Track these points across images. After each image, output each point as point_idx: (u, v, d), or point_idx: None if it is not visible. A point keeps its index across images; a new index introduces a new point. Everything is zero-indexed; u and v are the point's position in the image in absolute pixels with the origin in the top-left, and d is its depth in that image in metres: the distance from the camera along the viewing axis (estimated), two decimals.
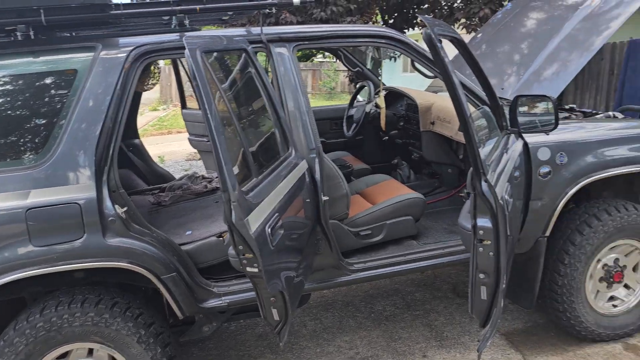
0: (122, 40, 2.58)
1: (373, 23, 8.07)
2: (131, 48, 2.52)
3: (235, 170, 1.91)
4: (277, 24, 5.97)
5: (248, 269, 1.89)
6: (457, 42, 2.34)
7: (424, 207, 3.14)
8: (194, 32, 2.71)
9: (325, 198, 2.64)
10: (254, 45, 2.67)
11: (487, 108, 2.70)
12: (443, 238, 3.16)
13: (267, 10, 2.71)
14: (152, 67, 3.76)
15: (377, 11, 8.06)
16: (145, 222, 2.56)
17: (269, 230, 1.96)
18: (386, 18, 8.05)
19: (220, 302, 2.65)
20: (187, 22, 2.67)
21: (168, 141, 12.31)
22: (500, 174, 2.25)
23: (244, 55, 2.53)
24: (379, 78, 4.53)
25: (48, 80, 2.49)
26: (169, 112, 17.74)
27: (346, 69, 4.56)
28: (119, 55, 2.50)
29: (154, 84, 3.68)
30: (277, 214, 2.07)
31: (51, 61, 2.49)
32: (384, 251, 2.99)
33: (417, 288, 4.01)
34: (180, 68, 4.59)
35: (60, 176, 2.35)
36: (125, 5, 2.57)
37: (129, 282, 2.63)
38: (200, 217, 3.15)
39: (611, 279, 3.09)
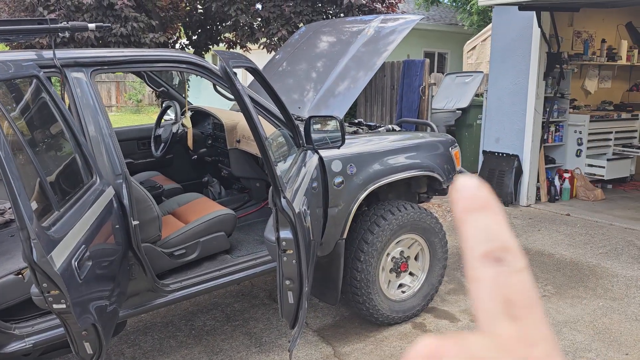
0: None
1: (177, 39, 8.04)
2: None
3: (34, 205, 1.84)
4: (72, 39, 5.64)
5: (55, 306, 1.84)
6: (253, 70, 2.55)
7: (234, 221, 3.30)
8: None
9: (135, 222, 2.64)
10: (46, 70, 2.56)
11: (285, 128, 2.96)
12: (255, 249, 3.36)
13: (60, 35, 2.61)
14: None
15: (180, 27, 8.05)
16: None
17: (76, 263, 1.92)
18: (190, 34, 8.07)
19: (24, 344, 2.47)
20: None
21: None
22: (298, 188, 2.51)
23: (35, 81, 2.41)
24: (184, 96, 4.58)
25: None
26: None
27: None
28: None
29: None
30: (83, 246, 2.04)
31: None
32: (199, 268, 3.07)
33: (236, 299, 4.16)
34: None
35: None
36: None
37: None
38: None
39: (399, 269, 3.61)
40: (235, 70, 2.14)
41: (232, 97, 3.24)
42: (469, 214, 0.36)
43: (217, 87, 3.11)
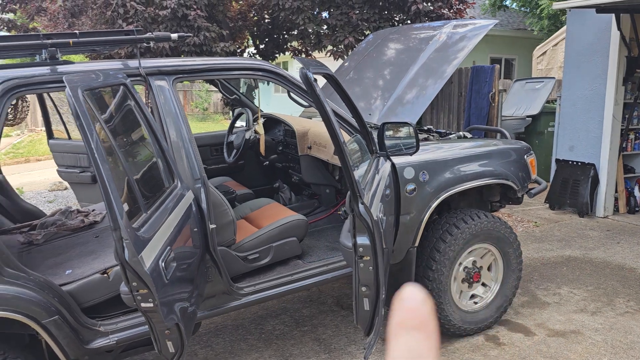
0: None
1: (245, 48, 8.24)
2: None
3: (125, 207, 1.93)
4: (148, 49, 5.89)
5: (143, 304, 1.91)
6: (329, 77, 2.56)
7: (306, 227, 3.32)
8: (67, 65, 2.65)
9: (212, 226, 2.71)
10: (132, 79, 2.68)
11: (358, 135, 2.96)
12: (326, 255, 3.37)
13: (145, 44, 2.73)
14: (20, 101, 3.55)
15: (249, 36, 8.24)
16: (20, 264, 2.43)
17: (162, 264, 1.99)
18: (257, 43, 8.24)
19: (108, 340, 2.58)
20: (59, 55, 2.60)
21: (26, 170, 11.36)
22: (374, 194, 2.49)
23: (123, 89, 2.53)
24: (253, 101, 4.68)
25: None
26: (24, 137, 16.32)
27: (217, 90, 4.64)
28: None
29: (22, 118, 3.47)
30: (168, 247, 2.11)
31: None
32: (272, 273, 3.11)
33: (304, 304, 4.18)
34: (46, 97, 4.36)
35: None
36: None
37: (1, 331, 2.46)
38: (80, 254, 3.03)
39: (471, 279, 3.51)
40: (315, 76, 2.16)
41: (305, 103, 3.28)
42: (402, 329, 0.34)
43: (291, 93, 3.15)
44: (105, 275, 2.73)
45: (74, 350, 2.46)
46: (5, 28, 8.41)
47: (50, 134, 4.61)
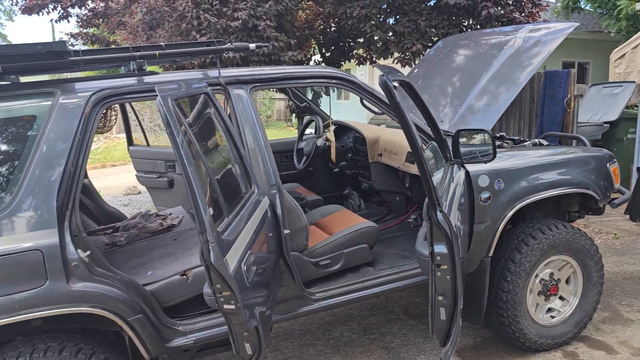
0: (81, 85, 2.60)
1: (311, 56, 8.35)
2: (90, 93, 2.55)
3: (210, 211, 2.00)
4: (219, 59, 6.08)
5: (225, 306, 1.97)
6: (405, 84, 2.56)
7: (377, 234, 3.32)
8: (152, 75, 2.78)
9: (286, 231, 2.76)
10: (212, 88, 2.78)
11: (434, 142, 2.93)
12: (396, 263, 3.35)
13: (225, 55, 2.83)
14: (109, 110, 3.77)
15: (315, 44, 8.35)
16: (108, 264, 2.56)
17: (244, 267, 2.05)
18: (324, 51, 8.34)
19: (187, 340, 2.67)
20: (145, 66, 2.74)
21: (103, 175, 11.98)
22: (451, 202, 2.46)
23: (205, 97, 2.63)
24: (319, 107, 4.73)
25: (6, 127, 2.47)
26: (100, 144, 17.25)
27: (280, 97, 4.73)
28: (79, 100, 2.52)
29: (110, 126, 3.68)
30: (249, 252, 2.17)
31: (8, 108, 2.48)
32: (343, 279, 3.12)
33: (371, 312, 4.16)
34: (127, 106, 4.59)
35: (22, 223, 2.32)
36: (85, 52, 2.60)
37: (89, 327, 2.60)
38: (160, 256, 3.17)
39: (548, 292, 3.38)
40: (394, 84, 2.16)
41: (378, 111, 3.28)
42: None
43: (364, 101, 3.16)
44: (185, 276, 2.83)
45: (155, 347, 2.57)
46: (90, 42, 8.94)
47: (130, 141, 4.85)
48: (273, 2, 6.53)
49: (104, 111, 2.66)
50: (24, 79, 2.78)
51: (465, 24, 7.33)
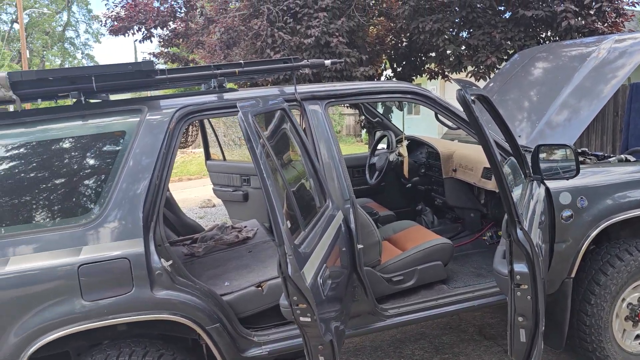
0: (166, 102, 2.75)
1: (382, 71, 8.37)
2: (175, 109, 2.69)
3: (287, 224, 2.04)
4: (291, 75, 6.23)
5: (301, 318, 1.99)
6: (483, 98, 2.51)
7: (452, 251, 3.25)
8: (232, 92, 2.89)
9: (360, 246, 2.76)
10: (288, 103, 2.85)
11: (512, 158, 2.85)
12: (472, 281, 3.26)
13: (301, 71, 2.90)
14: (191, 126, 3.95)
15: (385, 60, 8.37)
16: (189, 274, 2.67)
17: (320, 280, 2.07)
18: (395, 66, 8.34)
19: (261, 351, 2.72)
20: (225, 84, 2.86)
21: (179, 188, 12.49)
22: (532, 220, 2.37)
23: (282, 113, 2.70)
24: (391, 123, 4.72)
25: (98, 143, 2.65)
26: (177, 158, 18.01)
27: (350, 112, 4.75)
28: (164, 116, 2.67)
29: (192, 142, 3.86)
30: (325, 265, 2.19)
31: (101, 124, 2.66)
32: (416, 296, 3.08)
33: (444, 331, 4.06)
34: (205, 121, 4.78)
35: (110, 233, 2.47)
36: (170, 71, 2.76)
37: (169, 333, 2.71)
38: (236, 267, 3.26)
39: (636, 318, 3.17)
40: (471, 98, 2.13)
41: (454, 126, 3.24)
42: None
43: (439, 115, 3.13)
44: (260, 288, 2.89)
45: (232, 357, 2.64)
46: (170, 60, 9.44)
47: (207, 156, 5.04)
48: (345, 18, 6.63)
49: (186, 127, 2.78)
50: (112, 97, 2.98)
51: (543, 35, 7.10)
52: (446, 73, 8.27)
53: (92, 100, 2.79)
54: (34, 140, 2.59)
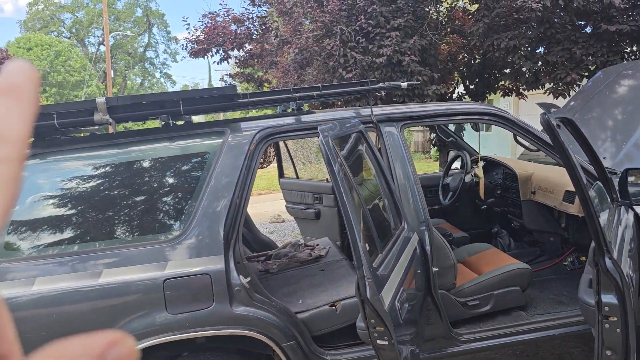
0: (247, 124, 2.86)
1: (453, 89, 8.26)
2: (255, 131, 2.80)
3: (366, 247, 2.06)
4: (364, 96, 6.28)
5: (378, 341, 2.00)
6: (567, 121, 2.44)
7: (531, 277, 3.15)
8: (309, 114, 2.96)
9: (435, 269, 2.73)
10: (365, 125, 2.89)
11: (598, 182, 2.74)
12: (552, 309, 3.14)
13: (377, 94, 2.94)
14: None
15: (457, 77, 8.26)
16: (265, 291, 2.74)
17: (398, 304, 2.07)
18: (467, 84, 8.21)
19: None
20: (304, 106, 2.94)
21: (249, 204, 12.73)
22: (621, 248, 2.26)
23: (359, 135, 2.74)
24: (464, 141, 4.64)
25: (183, 163, 2.80)
26: None
27: (418, 129, 4.72)
28: (245, 138, 2.78)
29: (269, 162, 3.98)
30: (402, 288, 2.19)
31: (186, 145, 2.81)
32: (493, 322, 3.00)
33: (519, 359, 3.91)
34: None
35: (193, 249, 2.58)
36: (251, 94, 2.88)
37: (245, 348, 2.78)
38: (309, 285, 3.30)
39: None
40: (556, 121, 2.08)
41: (534, 148, 3.15)
42: None
43: (518, 137, 3.06)
44: (334, 307, 2.92)
45: None
46: (245, 80, 9.78)
47: (281, 174, 5.17)
48: (418, 37, 6.62)
49: (266, 148, 2.88)
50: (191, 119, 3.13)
51: (628, 50, 6.76)
52: (521, 90, 8.04)
53: (178, 123, 2.95)
54: (126, 160, 2.78)
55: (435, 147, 8.76)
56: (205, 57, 9.18)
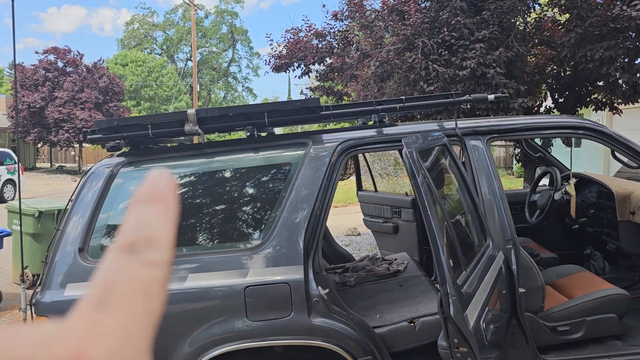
0: (328, 136, 2.87)
1: (541, 102, 7.91)
2: (337, 143, 2.80)
3: (450, 263, 2.00)
4: (445, 109, 6.15)
5: None
6: None
7: (629, 304, 2.92)
8: (391, 127, 2.93)
9: (521, 290, 2.60)
10: (448, 138, 2.81)
11: None
12: None
13: (462, 106, 2.86)
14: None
15: (545, 90, 7.90)
16: (343, 303, 2.72)
17: (483, 325, 1.99)
18: (556, 97, 7.82)
19: None
20: (386, 119, 2.92)
21: None
22: None
23: (443, 148, 2.67)
24: (553, 157, 4.40)
25: (267, 173, 2.85)
26: None
27: (500, 144, 4.52)
28: (327, 149, 2.79)
29: (350, 174, 3.98)
30: (487, 308, 2.10)
31: (270, 156, 2.86)
32: (584, 350, 2.80)
33: None
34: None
35: (273, 258, 2.61)
36: (334, 107, 2.89)
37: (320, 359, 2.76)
38: (387, 300, 3.25)
39: None
40: None
41: (633, 164, 2.94)
42: (138, 204, 0.32)
43: (616, 153, 2.86)
44: (412, 324, 2.85)
45: None
46: (325, 94, 9.91)
47: (359, 186, 5.15)
48: (503, 48, 6.41)
49: (347, 160, 2.88)
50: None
51: None
52: (615, 104, 7.55)
53: (261, 134, 3.02)
54: (212, 169, 2.88)
55: (520, 163, 8.40)
56: (287, 71, 9.39)
